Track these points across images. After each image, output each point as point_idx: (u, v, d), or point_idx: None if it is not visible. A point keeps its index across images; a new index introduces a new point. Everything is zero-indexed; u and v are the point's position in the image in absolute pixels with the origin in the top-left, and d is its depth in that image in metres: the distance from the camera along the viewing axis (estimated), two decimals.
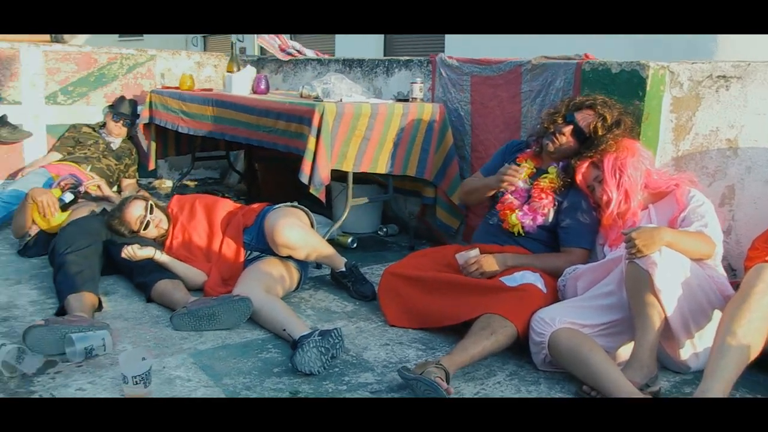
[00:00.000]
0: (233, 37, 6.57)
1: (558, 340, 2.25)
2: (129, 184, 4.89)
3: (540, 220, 2.80)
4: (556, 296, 2.61)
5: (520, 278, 2.59)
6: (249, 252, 3.10)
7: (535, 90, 3.32)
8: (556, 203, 2.80)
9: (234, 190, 5.40)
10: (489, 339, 2.30)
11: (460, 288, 2.63)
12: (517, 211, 2.84)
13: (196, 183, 5.61)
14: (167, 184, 5.39)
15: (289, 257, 2.98)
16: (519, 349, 2.42)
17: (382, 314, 2.81)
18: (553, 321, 2.30)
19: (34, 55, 4.80)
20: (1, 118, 4.62)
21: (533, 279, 2.59)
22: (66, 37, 5.00)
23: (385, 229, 4.22)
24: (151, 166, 4.91)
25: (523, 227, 2.82)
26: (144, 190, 4.85)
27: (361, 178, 3.85)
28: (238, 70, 4.20)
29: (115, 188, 4.85)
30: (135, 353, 2.11)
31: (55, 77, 4.90)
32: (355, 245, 3.84)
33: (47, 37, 4.99)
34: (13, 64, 4.72)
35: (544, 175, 2.85)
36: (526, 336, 2.37)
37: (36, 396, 2.08)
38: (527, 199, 2.85)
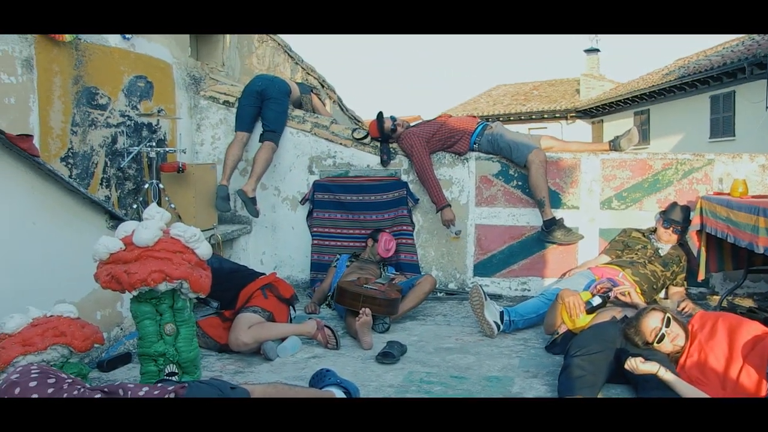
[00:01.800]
0: None
1: None
2: (676, 292, 4.75)
3: None
4: None
5: None
6: None
7: None
8: None
9: None
10: None
11: None
12: None
13: (752, 298, 5.04)
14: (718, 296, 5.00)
15: None
16: None
17: None
18: None
19: (593, 164, 5.16)
20: (558, 221, 5.08)
21: None
22: (623, 144, 5.21)
23: None
24: (700, 276, 4.65)
25: None
26: (691, 300, 4.63)
27: None
28: None
29: (662, 294, 4.77)
30: None
31: (610, 183, 5.16)
32: None
33: (606, 145, 5.31)
34: (574, 173, 5.17)
35: None
36: None
37: None
38: None
